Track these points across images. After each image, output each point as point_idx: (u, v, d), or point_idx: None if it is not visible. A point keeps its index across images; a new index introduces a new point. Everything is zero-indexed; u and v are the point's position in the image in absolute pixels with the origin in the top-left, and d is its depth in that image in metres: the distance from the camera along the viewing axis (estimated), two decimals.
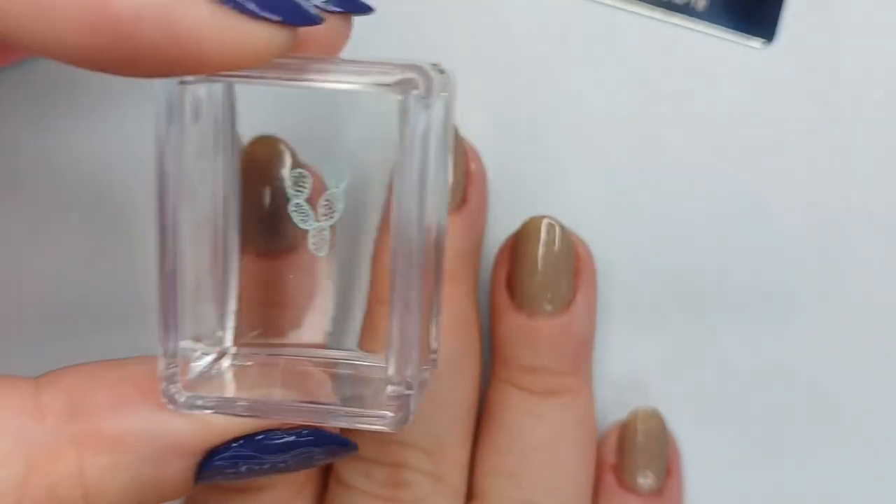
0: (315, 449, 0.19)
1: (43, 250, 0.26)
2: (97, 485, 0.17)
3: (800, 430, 0.28)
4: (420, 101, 0.17)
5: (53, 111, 0.26)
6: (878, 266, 0.27)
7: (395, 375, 0.18)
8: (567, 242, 0.25)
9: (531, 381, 0.25)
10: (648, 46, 0.27)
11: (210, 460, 0.18)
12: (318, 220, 0.19)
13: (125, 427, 0.17)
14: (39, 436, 0.17)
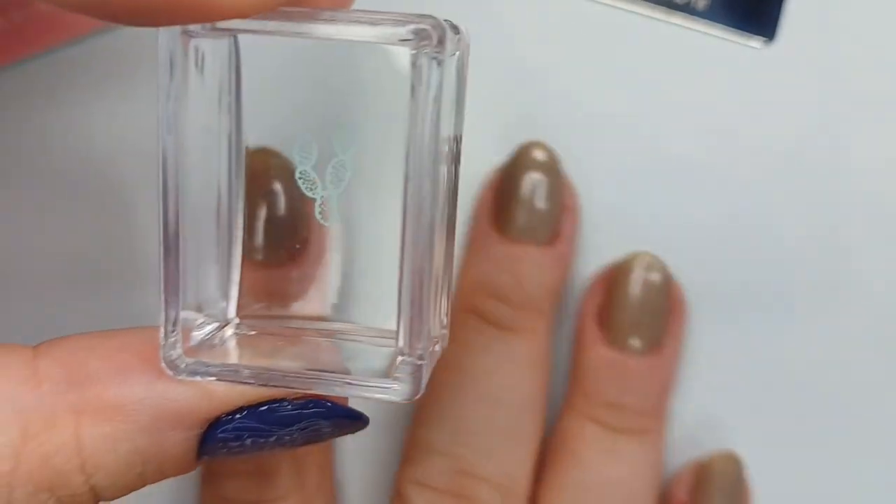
0: (323, 422, 0.18)
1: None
2: (95, 455, 0.17)
3: (801, 430, 0.28)
4: (433, 57, 0.16)
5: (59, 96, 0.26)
6: (878, 265, 0.27)
7: (407, 347, 0.17)
8: (667, 282, 0.25)
9: (613, 417, 0.25)
10: (649, 46, 0.27)
11: (213, 432, 0.17)
12: (325, 189, 0.18)
13: (124, 395, 0.17)
14: (35, 404, 0.16)
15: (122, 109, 0.26)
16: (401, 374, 0.17)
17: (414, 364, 0.17)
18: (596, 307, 0.25)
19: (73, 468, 0.17)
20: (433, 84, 0.16)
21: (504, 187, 0.24)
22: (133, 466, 0.17)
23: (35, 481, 0.16)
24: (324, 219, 0.18)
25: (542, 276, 0.24)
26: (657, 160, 0.27)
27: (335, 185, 0.18)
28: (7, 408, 0.16)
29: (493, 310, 0.24)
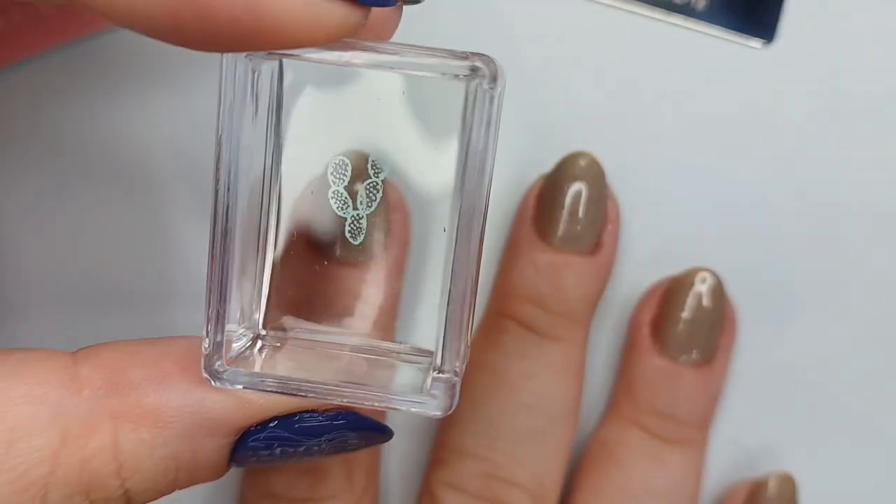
0: (351, 433, 0.18)
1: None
2: (132, 460, 0.17)
3: (801, 430, 0.28)
4: (487, 90, 0.17)
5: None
6: (878, 265, 0.27)
7: (445, 365, 0.18)
8: (723, 298, 0.25)
9: (661, 426, 0.25)
10: (648, 46, 0.27)
11: (245, 441, 0.18)
12: (356, 209, 0.19)
13: (163, 402, 0.17)
14: (75, 408, 0.17)
15: (122, 109, 0.26)
16: (436, 389, 0.18)
17: (450, 380, 0.18)
18: (650, 318, 0.26)
19: (110, 472, 0.17)
20: (485, 118, 0.17)
21: (549, 195, 0.25)
22: (168, 472, 0.17)
23: (71, 484, 0.17)
24: (353, 238, 0.19)
25: (582, 285, 0.24)
26: (657, 160, 0.27)
27: (366, 206, 0.19)
28: (47, 412, 0.17)
29: (533, 316, 0.24)
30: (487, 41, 0.27)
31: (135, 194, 0.26)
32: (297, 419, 0.18)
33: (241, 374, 0.17)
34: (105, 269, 0.27)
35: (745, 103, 0.27)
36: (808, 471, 0.27)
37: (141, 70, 0.26)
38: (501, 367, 0.24)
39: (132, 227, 0.26)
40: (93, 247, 0.26)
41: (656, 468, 0.25)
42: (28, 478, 0.16)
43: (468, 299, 0.18)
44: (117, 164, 0.26)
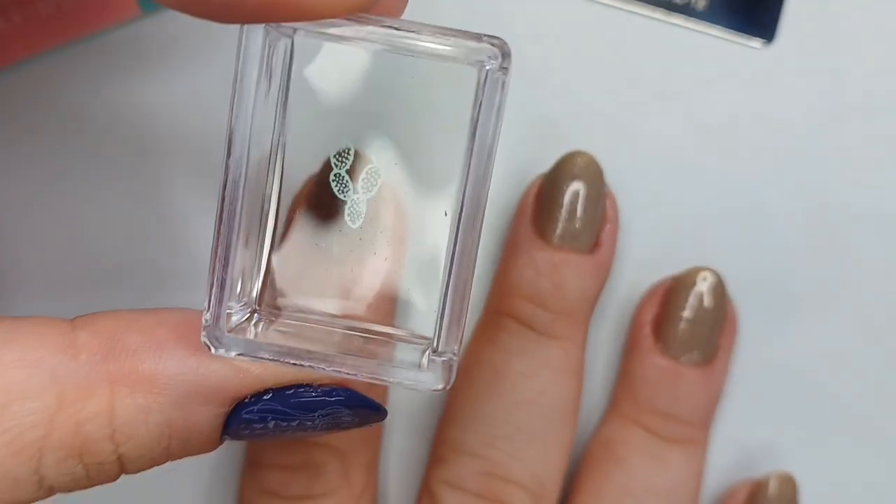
0: (345, 410, 0.18)
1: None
2: (126, 425, 0.17)
3: (801, 430, 0.28)
4: (499, 75, 0.17)
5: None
6: (878, 265, 0.27)
7: (443, 346, 0.18)
8: (724, 297, 0.25)
9: (662, 426, 0.25)
10: (648, 46, 0.27)
11: (238, 412, 0.18)
12: (357, 193, 0.19)
13: (160, 369, 0.17)
14: (72, 372, 0.17)
15: (123, 109, 0.26)
16: (432, 367, 0.18)
17: (447, 361, 0.18)
18: (652, 317, 0.26)
19: (105, 437, 0.17)
20: (496, 103, 0.17)
21: (547, 194, 0.25)
22: (161, 440, 0.17)
23: (66, 447, 0.17)
24: (352, 221, 0.19)
25: (581, 283, 0.24)
26: (657, 160, 0.27)
27: (366, 190, 0.19)
28: (45, 375, 0.17)
29: (532, 314, 0.24)
30: None
31: (135, 193, 0.26)
32: (291, 392, 0.18)
33: (239, 342, 0.17)
34: (106, 269, 0.27)
35: (744, 103, 0.27)
36: (808, 471, 0.27)
37: (141, 70, 0.26)
38: (501, 365, 0.24)
39: (132, 226, 0.26)
40: (92, 246, 0.27)
41: (657, 467, 0.25)
42: (22, 441, 0.16)
43: (468, 285, 0.17)
44: (117, 163, 0.26)
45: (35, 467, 0.17)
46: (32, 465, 0.17)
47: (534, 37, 0.27)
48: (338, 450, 0.24)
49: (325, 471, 0.24)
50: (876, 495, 0.28)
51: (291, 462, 0.24)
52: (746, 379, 0.27)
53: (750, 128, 0.27)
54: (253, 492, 0.25)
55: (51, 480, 0.17)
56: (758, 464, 0.28)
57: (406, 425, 0.27)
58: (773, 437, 0.28)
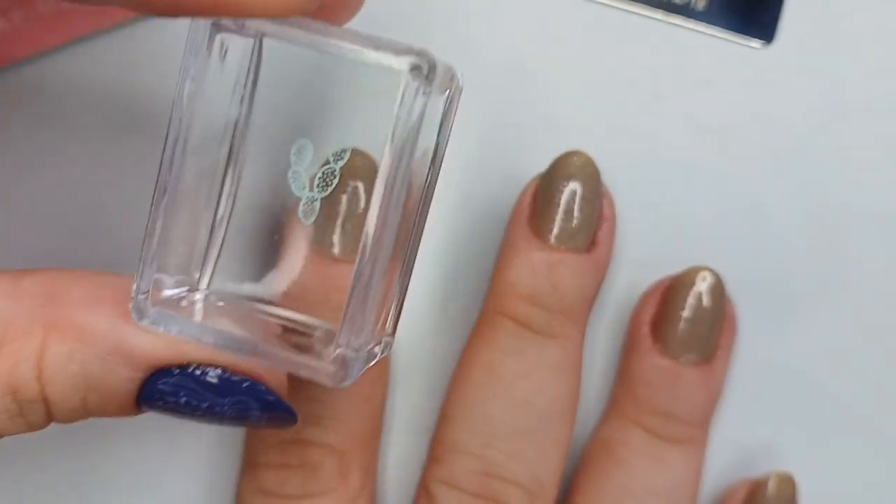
0: (253, 402, 0.19)
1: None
2: (49, 367, 0.18)
3: (801, 429, 0.28)
4: (421, 86, 0.17)
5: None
6: (878, 265, 0.27)
7: (345, 341, 0.18)
8: (723, 296, 0.25)
9: (661, 425, 0.25)
10: (648, 47, 0.27)
11: (154, 381, 0.19)
12: (312, 191, 0.20)
13: (90, 323, 0.18)
14: (15, 315, 0.18)
15: (123, 109, 0.26)
16: (334, 361, 0.18)
17: (347, 355, 0.18)
18: (651, 317, 0.26)
19: (33, 377, 0.18)
20: (415, 111, 0.17)
21: (544, 194, 0.25)
22: (78, 389, 0.18)
23: (3, 383, 0.18)
24: (305, 218, 0.20)
25: (578, 282, 0.24)
26: (656, 160, 0.27)
27: (321, 189, 0.20)
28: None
29: (529, 314, 0.24)
30: (486, 40, 0.27)
31: (135, 192, 0.26)
32: (205, 372, 0.19)
33: (162, 316, 0.18)
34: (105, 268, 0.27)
35: (744, 103, 0.27)
36: (807, 470, 0.27)
37: (142, 70, 0.26)
38: (498, 364, 0.24)
39: (132, 226, 0.26)
40: (91, 245, 0.26)
41: (657, 467, 0.25)
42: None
43: (377, 285, 0.18)
44: (117, 163, 0.26)
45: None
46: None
47: (533, 36, 0.27)
48: (335, 449, 0.24)
49: (322, 470, 0.24)
50: (875, 495, 0.28)
51: (288, 461, 0.24)
52: (746, 379, 0.27)
53: (749, 128, 0.27)
54: (250, 491, 0.25)
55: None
56: (757, 463, 0.28)
57: (405, 425, 0.27)
58: (772, 437, 0.28)
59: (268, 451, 0.25)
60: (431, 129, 0.18)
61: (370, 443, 0.26)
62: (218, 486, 0.27)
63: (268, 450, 0.25)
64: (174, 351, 0.19)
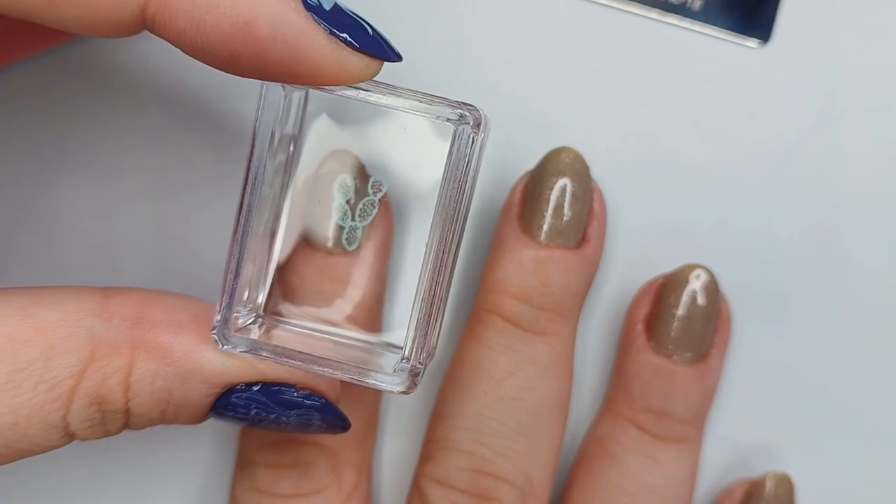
0: (316, 414, 0.21)
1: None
2: (138, 384, 0.20)
3: (797, 428, 0.28)
4: (470, 135, 0.20)
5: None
6: (873, 264, 0.27)
7: (411, 355, 0.21)
8: (717, 294, 0.25)
9: (654, 424, 0.25)
10: (645, 46, 0.27)
11: (228, 395, 0.21)
12: (354, 220, 0.23)
13: (174, 344, 0.20)
14: (105, 333, 0.20)
15: (123, 109, 0.26)
16: (400, 373, 0.21)
17: (415, 367, 0.21)
18: (645, 315, 0.26)
19: (121, 390, 0.20)
20: (467, 154, 0.20)
21: (533, 191, 0.25)
22: (161, 403, 0.20)
23: (91, 395, 0.20)
24: (348, 244, 0.23)
25: (568, 279, 0.24)
26: (654, 160, 0.27)
27: (362, 219, 0.23)
28: (82, 334, 0.20)
29: (518, 312, 0.24)
30: (485, 40, 0.27)
31: (136, 193, 0.27)
32: (277, 389, 0.21)
33: (243, 341, 0.21)
34: (105, 269, 0.27)
35: (740, 102, 0.27)
36: (804, 469, 0.27)
37: (143, 70, 0.26)
38: (487, 362, 0.24)
39: (132, 225, 0.27)
40: (91, 245, 0.27)
41: (651, 465, 0.25)
42: (60, 388, 0.19)
43: (437, 304, 0.21)
44: (117, 163, 0.26)
45: (64, 413, 0.20)
46: (63, 412, 0.20)
47: (530, 36, 0.27)
48: (328, 449, 0.24)
49: (315, 469, 0.24)
50: (873, 495, 0.28)
51: (282, 461, 0.24)
52: (741, 377, 0.27)
53: (745, 127, 0.27)
54: (244, 490, 0.25)
55: (74, 427, 0.20)
56: (753, 462, 0.28)
57: (398, 426, 0.27)
58: (767, 436, 0.28)
59: (262, 450, 0.25)
60: (472, 165, 0.21)
61: (364, 442, 0.26)
62: (213, 484, 0.27)
63: (262, 449, 0.25)
64: (249, 370, 0.21)
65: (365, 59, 0.19)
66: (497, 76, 0.27)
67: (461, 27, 0.27)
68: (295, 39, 0.18)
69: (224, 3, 0.18)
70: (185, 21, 0.18)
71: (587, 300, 0.26)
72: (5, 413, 0.19)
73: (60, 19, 0.18)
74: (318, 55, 0.18)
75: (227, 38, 0.18)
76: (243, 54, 0.18)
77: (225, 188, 0.26)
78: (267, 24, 0.18)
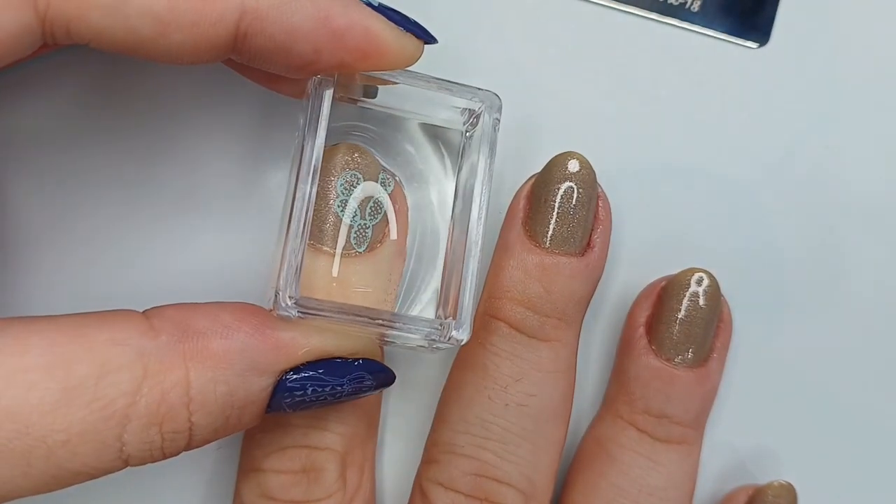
0: (366, 374, 0.22)
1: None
2: (200, 395, 0.20)
3: (797, 431, 0.28)
4: (492, 123, 0.22)
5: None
6: (873, 265, 0.28)
7: (451, 313, 0.22)
8: (718, 298, 0.26)
9: (655, 426, 0.26)
10: (644, 48, 0.27)
11: (283, 382, 0.21)
12: (364, 219, 0.23)
13: (226, 347, 0.20)
14: (155, 350, 0.20)
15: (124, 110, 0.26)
16: (456, 324, 0.22)
17: (457, 338, 0.22)
18: (646, 318, 0.26)
19: (182, 405, 0.20)
20: (491, 140, 0.22)
21: (538, 196, 0.25)
22: (226, 408, 0.21)
23: (151, 414, 0.20)
24: (357, 245, 0.23)
25: (572, 286, 0.24)
26: (653, 160, 0.27)
27: (371, 218, 0.23)
28: (131, 352, 0.20)
29: (522, 317, 0.24)
30: (483, 40, 0.27)
31: (136, 195, 0.26)
32: (327, 361, 0.22)
33: (310, 301, 0.21)
34: (105, 268, 0.27)
35: (739, 104, 0.27)
36: (804, 472, 0.27)
37: (144, 70, 0.26)
38: (492, 367, 0.24)
39: (132, 225, 0.27)
40: (91, 245, 0.27)
41: (651, 467, 0.25)
42: (114, 406, 0.19)
43: (472, 282, 0.22)
44: (118, 163, 0.26)
45: (120, 433, 0.19)
46: (118, 431, 0.19)
47: (529, 36, 0.27)
48: (336, 453, 0.24)
49: (325, 475, 0.24)
50: (874, 496, 0.28)
51: (291, 467, 0.24)
52: (741, 380, 0.28)
53: (744, 128, 0.27)
54: (253, 497, 0.25)
55: (130, 448, 0.20)
56: (753, 466, 0.28)
57: (400, 427, 0.27)
58: (768, 439, 0.28)
59: (270, 457, 0.25)
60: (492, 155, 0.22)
61: (366, 442, 0.26)
62: (215, 492, 0.27)
63: (270, 455, 0.25)
64: (299, 352, 0.21)
65: (415, 40, 0.22)
66: (497, 76, 0.27)
67: (461, 27, 0.27)
68: (366, 26, 0.21)
69: (305, 5, 0.20)
70: (274, 26, 0.20)
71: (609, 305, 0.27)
72: (58, 430, 0.19)
73: (167, 49, 0.20)
74: (384, 38, 0.21)
75: (311, 34, 0.20)
76: (325, 46, 0.21)
77: (228, 190, 0.26)
78: (342, 16, 0.21)
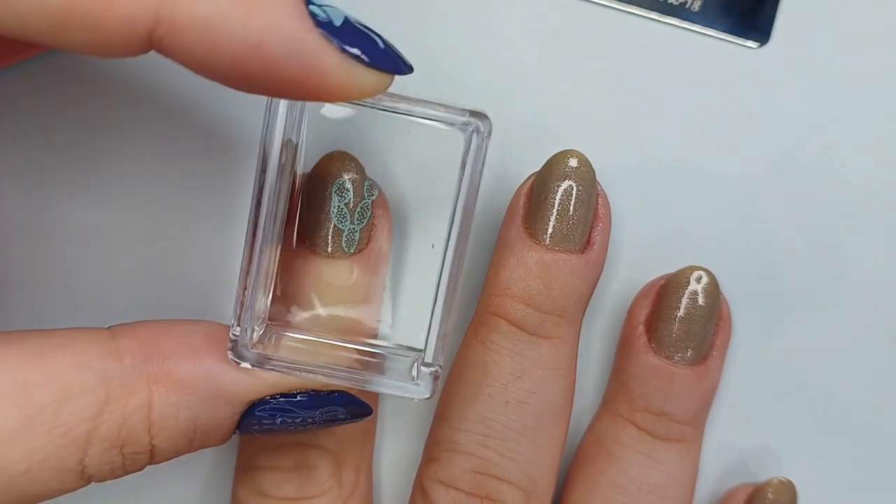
0: (339, 408, 0.22)
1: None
2: (161, 419, 0.20)
3: (797, 429, 0.28)
4: (483, 140, 0.21)
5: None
6: (872, 264, 0.28)
7: (431, 359, 0.21)
8: (717, 296, 0.26)
9: (655, 424, 0.26)
10: (644, 47, 0.27)
11: (252, 411, 0.21)
12: (353, 223, 0.23)
13: (192, 372, 0.20)
14: (118, 373, 0.20)
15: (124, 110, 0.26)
16: (422, 379, 0.21)
17: (435, 371, 0.21)
18: (645, 316, 0.26)
19: (143, 429, 0.20)
20: (479, 159, 0.21)
21: (538, 194, 0.25)
22: (188, 433, 0.20)
23: (111, 438, 0.19)
24: (348, 247, 0.23)
25: (572, 283, 0.24)
26: (652, 160, 0.27)
27: (359, 222, 0.23)
28: (94, 376, 0.19)
29: (524, 316, 0.24)
30: (483, 40, 0.27)
31: (136, 195, 0.26)
32: (297, 395, 0.21)
33: (259, 357, 0.20)
34: (105, 269, 0.27)
35: (739, 104, 0.27)
36: (804, 471, 0.27)
37: (143, 70, 0.26)
38: (492, 365, 0.25)
39: (131, 226, 0.27)
40: (91, 246, 0.27)
41: (651, 465, 0.25)
42: (75, 432, 0.19)
43: (451, 305, 0.21)
44: (118, 164, 0.26)
45: (81, 457, 0.19)
46: (80, 456, 0.19)
47: (529, 36, 0.27)
48: (329, 451, 0.25)
49: (318, 472, 0.24)
50: (874, 494, 0.28)
51: (285, 464, 0.24)
52: (741, 378, 0.28)
53: (744, 128, 0.27)
54: (247, 493, 0.25)
55: (91, 470, 0.19)
56: (753, 464, 0.28)
57: (400, 426, 0.27)
58: (767, 438, 0.28)
59: (264, 454, 0.25)
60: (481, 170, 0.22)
61: (363, 443, 0.26)
62: (213, 488, 0.27)
63: (264, 453, 0.25)
64: (269, 384, 0.21)
65: (377, 73, 0.19)
66: (497, 77, 0.27)
67: (461, 27, 0.27)
68: (307, 58, 0.18)
69: (234, 25, 0.17)
70: (194, 43, 0.17)
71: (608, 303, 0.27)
72: (19, 460, 0.19)
73: (68, 44, 0.17)
74: (331, 73, 0.18)
75: (239, 58, 0.17)
76: (255, 74, 0.18)
77: (225, 194, 0.26)
78: (278, 44, 0.17)
